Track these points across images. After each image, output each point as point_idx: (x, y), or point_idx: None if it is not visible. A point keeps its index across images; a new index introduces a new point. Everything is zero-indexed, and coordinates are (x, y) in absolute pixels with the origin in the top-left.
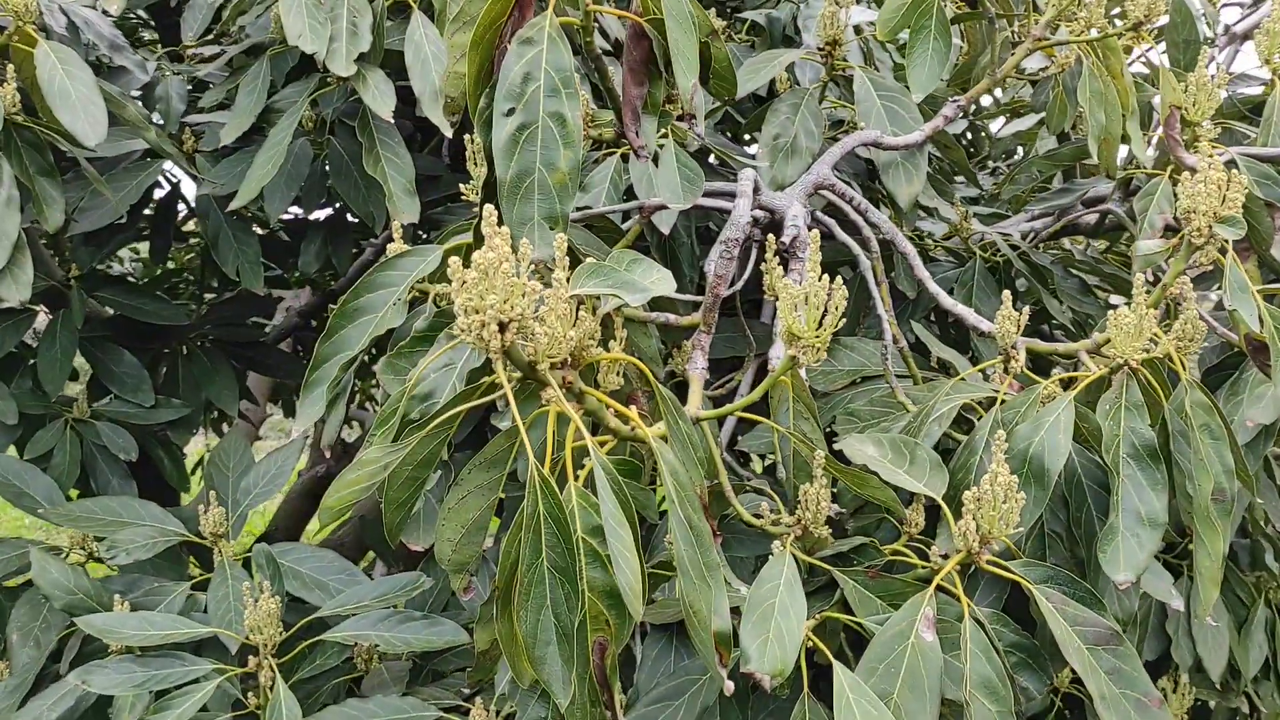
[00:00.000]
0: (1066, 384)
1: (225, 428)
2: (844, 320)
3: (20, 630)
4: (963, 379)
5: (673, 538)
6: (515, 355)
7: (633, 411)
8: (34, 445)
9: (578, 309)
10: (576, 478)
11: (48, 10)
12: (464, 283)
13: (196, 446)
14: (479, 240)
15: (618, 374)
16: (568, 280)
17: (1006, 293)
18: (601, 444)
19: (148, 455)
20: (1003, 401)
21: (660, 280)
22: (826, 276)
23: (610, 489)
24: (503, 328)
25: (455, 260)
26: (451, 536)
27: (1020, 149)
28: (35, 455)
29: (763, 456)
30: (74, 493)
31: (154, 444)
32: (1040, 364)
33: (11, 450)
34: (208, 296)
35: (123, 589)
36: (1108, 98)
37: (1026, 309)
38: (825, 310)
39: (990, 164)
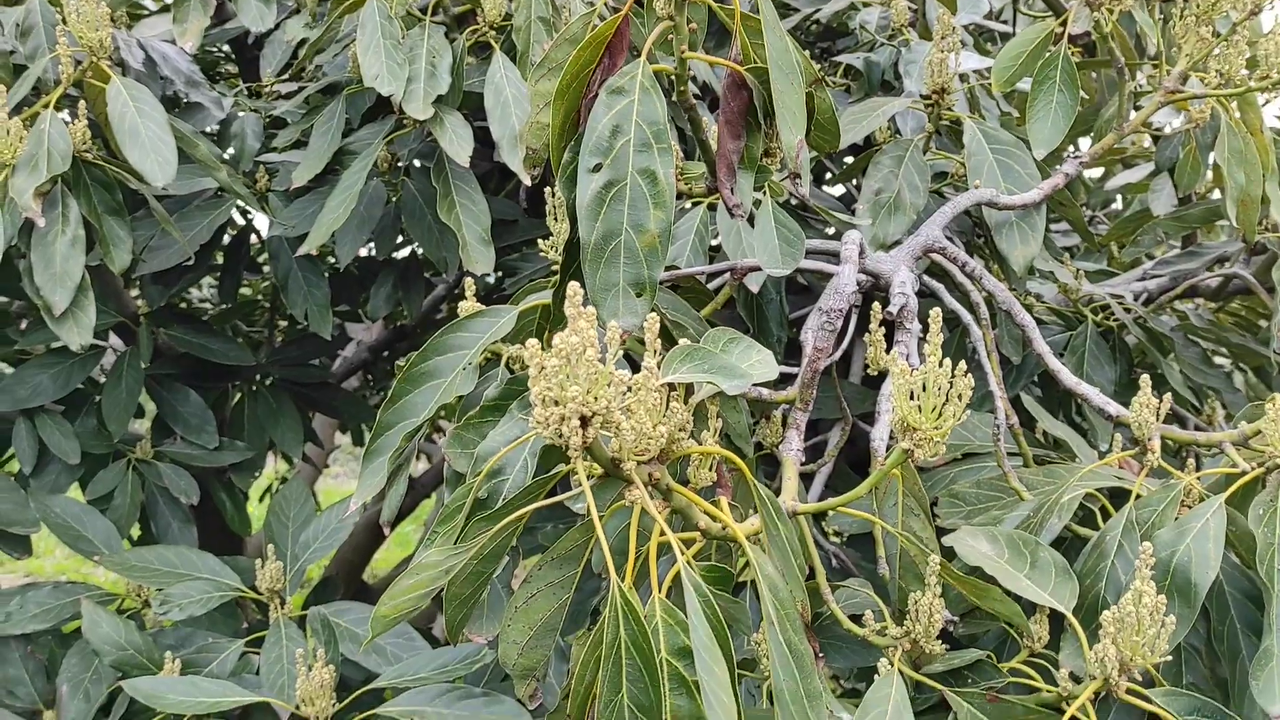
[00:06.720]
0: (1210, 479)
1: (294, 458)
2: (968, 411)
3: (70, 682)
4: (1092, 470)
5: (769, 664)
6: (598, 452)
7: (724, 507)
8: (95, 486)
9: (669, 396)
10: (660, 582)
11: (125, 45)
12: (542, 369)
13: (267, 471)
14: (559, 307)
15: (710, 468)
16: (658, 366)
17: (1145, 377)
18: (688, 542)
19: (209, 497)
20: (1137, 497)
21: (761, 364)
22: (949, 360)
23: (703, 614)
24: (585, 422)
25: (534, 343)
26: (518, 639)
27: (1119, 199)
28: (96, 496)
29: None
30: (136, 530)
31: (216, 486)
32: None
33: (73, 490)
34: (282, 324)
35: (175, 644)
36: (1247, 156)
37: (1168, 396)
38: (946, 399)
39: (1087, 213)
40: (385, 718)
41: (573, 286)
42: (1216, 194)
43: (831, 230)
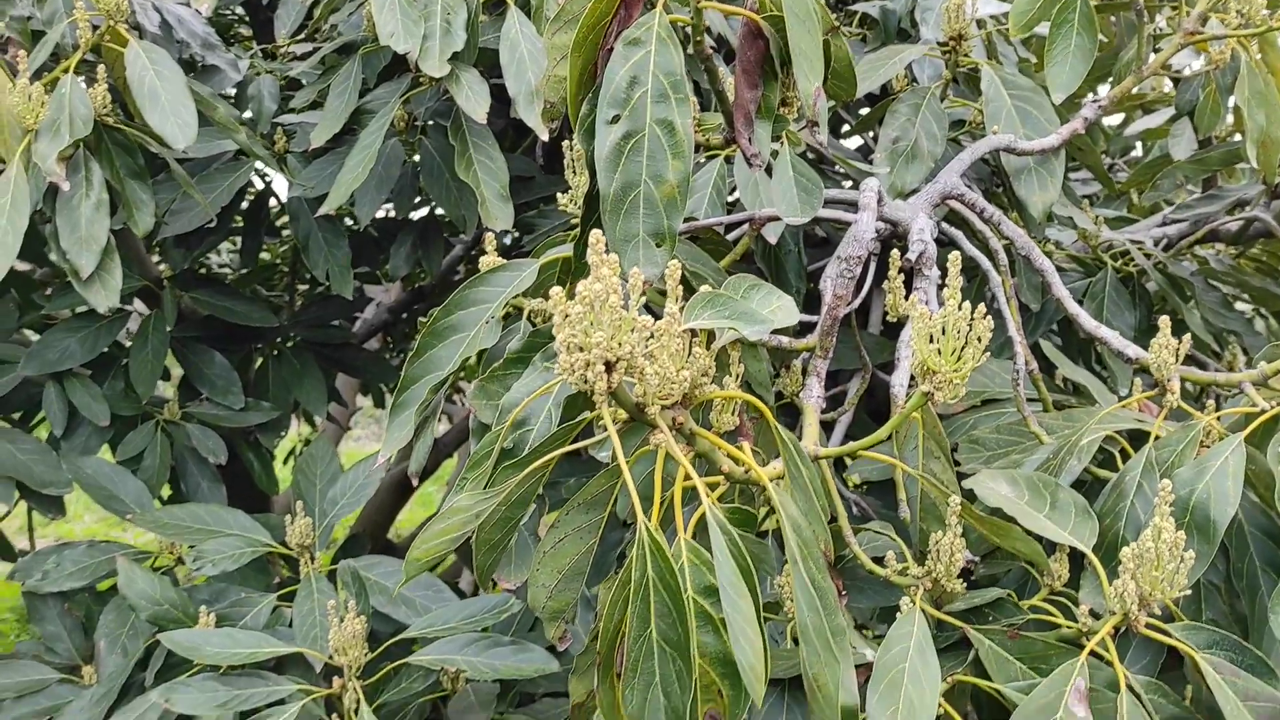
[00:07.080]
0: (1229, 419)
1: (317, 420)
2: (987, 355)
3: (108, 637)
4: (1111, 412)
5: (794, 602)
6: (622, 397)
7: (747, 452)
8: (125, 447)
9: (691, 342)
10: (685, 525)
11: (140, 9)
12: (566, 316)
13: (290, 434)
14: (580, 258)
15: (732, 413)
16: (681, 312)
17: (1165, 319)
18: (711, 486)
19: (237, 457)
20: (1156, 438)
21: (782, 310)
22: (968, 303)
23: (728, 551)
24: (609, 368)
25: (558, 291)
26: (547, 582)
27: (1139, 145)
28: (126, 457)
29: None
30: (166, 490)
31: (243, 446)
32: (1185, 388)
33: (104, 452)
34: (301, 287)
35: (209, 599)
36: (1268, 97)
37: (1187, 337)
38: (965, 341)
39: (1107, 161)
40: (416, 666)
41: (595, 234)
42: (1237, 137)
43: (849, 184)
